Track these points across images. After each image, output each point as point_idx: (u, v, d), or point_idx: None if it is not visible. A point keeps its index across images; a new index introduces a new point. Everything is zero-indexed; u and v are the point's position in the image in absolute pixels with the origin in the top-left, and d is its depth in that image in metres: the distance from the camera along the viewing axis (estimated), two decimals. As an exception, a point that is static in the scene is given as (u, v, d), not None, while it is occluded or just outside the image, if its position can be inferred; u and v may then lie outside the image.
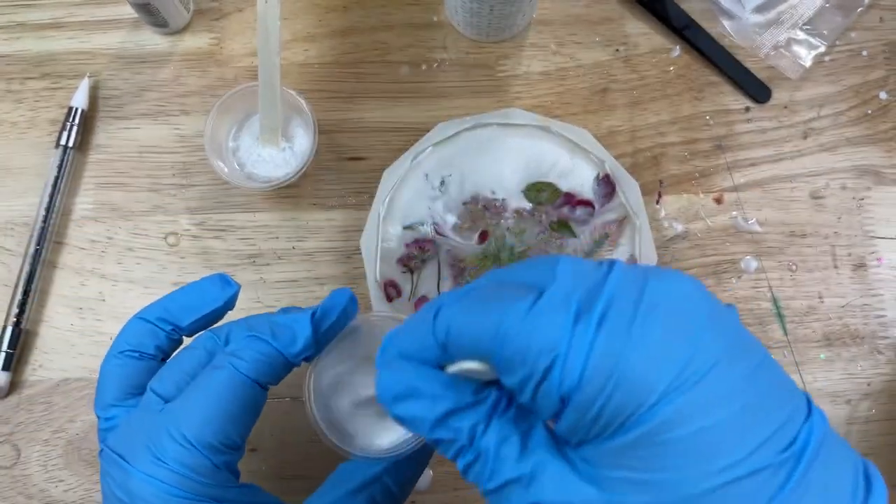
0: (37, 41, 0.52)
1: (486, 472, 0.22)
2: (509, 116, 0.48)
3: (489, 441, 0.22)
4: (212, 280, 0.35)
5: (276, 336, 0.32)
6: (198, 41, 0.52)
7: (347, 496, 0.33)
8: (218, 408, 0.30)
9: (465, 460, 0.23)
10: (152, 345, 0.34)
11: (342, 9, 0.52)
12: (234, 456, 0.31)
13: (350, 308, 0.34)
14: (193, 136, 0.50)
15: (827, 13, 0.52)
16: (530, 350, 0.20)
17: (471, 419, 0.23)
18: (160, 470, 0.29)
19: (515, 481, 0.22)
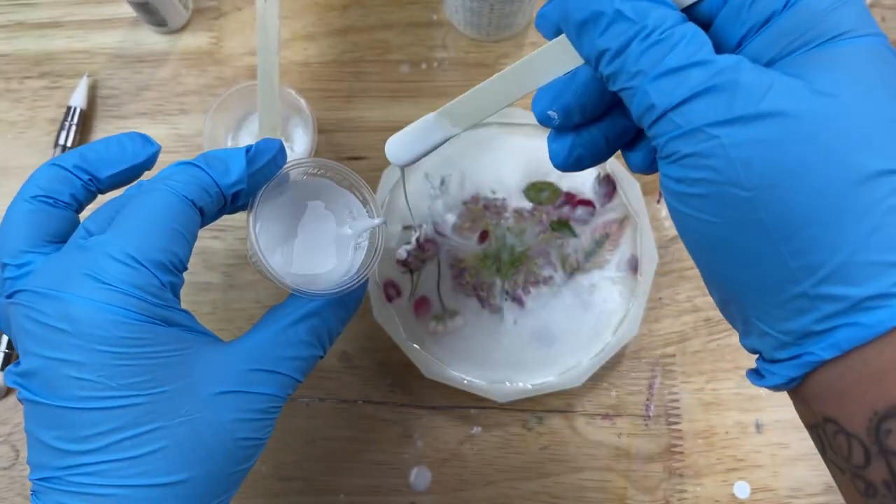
0: (35, 40, 0.52)
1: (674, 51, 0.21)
2: (509, 116, 0.48)
3: (685, 29, 0.22)
4: (130, 136, 0.34)
5: (210, 165, 0.31)
6: (197, 40, 0.52)
7: (290, 326, 0.33)
8: (160, 224, 0.29)
9: (646, 42, 0.22)
10: (67, 192, 0.32)
11: (342, 8, 0.52)
12: (179, 278, 0.30)
13: (280, 158, 0.34)
14: (192, 135, 0.50)
15: (828, 12, 0.51)
16: None
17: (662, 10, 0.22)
18: (107, 293, 0.27)
19: (705, 64, 0.21)
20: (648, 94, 0.22)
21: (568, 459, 0.46)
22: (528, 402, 0.46)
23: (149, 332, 0.28)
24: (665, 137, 0.22)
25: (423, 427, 0.47)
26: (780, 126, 0.20)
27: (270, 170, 0.34)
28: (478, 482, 0.46)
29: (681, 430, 0.46)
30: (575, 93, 0.26)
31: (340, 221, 0.37)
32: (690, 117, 0.21)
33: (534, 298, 0.46)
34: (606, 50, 0.22)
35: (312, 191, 0.37)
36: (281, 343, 0.32)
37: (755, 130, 0.20)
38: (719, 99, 0.21)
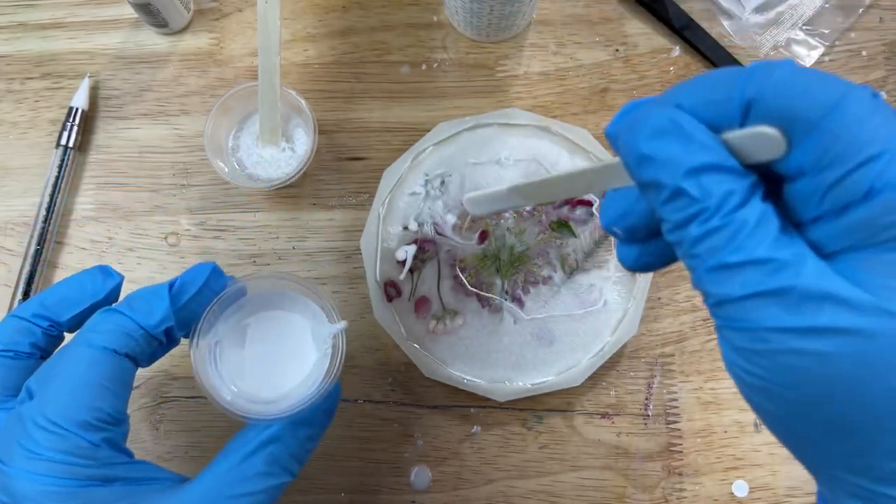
0: (37, 41, 0.52)
1: (732, 245, 0.20)
2: (509, 116, 0.48)
3: (747, 214, 0.20)
4: (91, 272, 0.34)
5: (132, 308, 0.31)
6: (198, 41, 0.52)
7: (245, 458, 0.32)
8: (79, 383, 0.29)
9: (705, 227, 0.20)
10: (27, 343, 0.32)
11: (342, 9, 0.52)
12: (115, 431, 0.30)
13: (213, 281, 0.33)
14: (193, 136, 0.50)
15: (827, 13, 0.52)
16: (864, 130, 0.19)
17: (728, 184, 0.20)
18: (36, 463, 0.27)
19: (764, 263, 0.20)
20: (704, 282, 0.21)
21: (567, 458, 0.46)
22: (528, 402, 0.46)
23: (82, 498, 0.28)
24: (719, 321, 0.21)
25: (424, 426, 0.47)
26: (836, 342, 0.19)
27: (205, 297, 0.33)
28: (477, 481, 0.46)
29: (679, 430, 0.46)
30: (639, 217, 0.25)
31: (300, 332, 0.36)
32: (746, 316, 0.20)
33: (533, 298, 0.46)
34: (667, 220, 0.22)
35: (267, 302, 0.36)
36: (235, 480, 0.31)
37: (810, 342, 0.19)
38: (776, 304, 0.20)
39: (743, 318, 0.20)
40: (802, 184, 0.21)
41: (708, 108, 0.21)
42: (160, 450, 0.46)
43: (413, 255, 0.46)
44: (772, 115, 0.20)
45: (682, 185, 0.21)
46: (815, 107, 0.19)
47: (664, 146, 0.21)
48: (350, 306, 0.48)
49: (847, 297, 0.19)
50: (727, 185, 0.20)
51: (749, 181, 0.21)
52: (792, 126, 0.20)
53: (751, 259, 0.20)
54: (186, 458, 0.46)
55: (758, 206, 0.20)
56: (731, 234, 0.20)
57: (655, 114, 0.21)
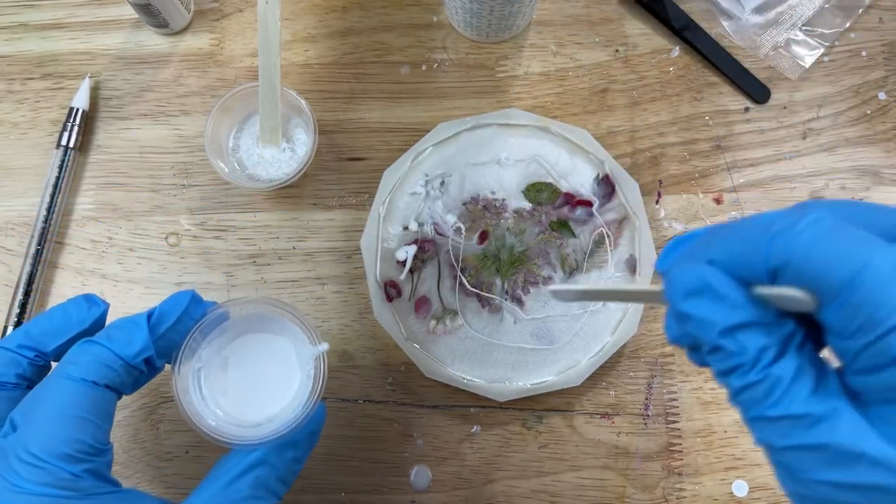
0: (38, 42, 0.52)
1: (769, 399, 0.21)
2: (509, 117, 0.48)
3: (782, 370, 0.21)
4: (76, 302, 0.34)
5: (111, 339, 0.32)
6: (198, 42, 0.52)
7: (231, 482, 0.32)
8: (59, 415, 0.29)
9: (743, 381, 0.22)
10: (13, 374, 0.32)
11: (342, 9, 0.52)
12: (97, 461, 0.30)
13: (193, 308, 0.34)
14: (194, 136, 0.50)
15: (826, 14, 0.52)
16: (887, 298, 0.19)
17: (763, 340, 0.22)
18: (19, 497, 0.28)
19: (800, 418, 0.21)
20: (749, 427, 0.22)
21: (567, 458, 0.46)
22: (528, 402, 0.46)
23: None
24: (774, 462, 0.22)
25: (424, 426, 0.47)
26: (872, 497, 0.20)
27: (184, 324, 0.33)
28: (478, 481, 0.46)
29: (679, 429, 0.46)
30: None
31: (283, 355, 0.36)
32: (790, 465, 0.22)
33: (533, 298, 0.46)
34: (711, 366, 0.23)
35: (249, 327, 0.36)
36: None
37: (848, 496, 0.21)
38: (814, 457, 0.21)
39: (789, 468, 0.22)
40: (836, 341, 0.21)
41: (738, 265, 0.22)
42: (160, 450, 0.46)
43: (413, 255, 0.46)
44: (798, 279, 0.21)
45: (719, 342, 0.22)
46: (839, 275, 0.20)
47: (699, 306, 0.22)
48: (350, 306, 0.48)
49: (880, 457, 0.20)
50: (761, 340, 0.22)
51: (784, 332, 0.22)
52: (818, 290, 0.21)
53: (788, 414, 0.21)
54: (187, 458, 0.46)
55: (793, 360, 0.21)
56: (769, 389, 0.21)
57: (689, 272, 0.23)
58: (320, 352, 0.35)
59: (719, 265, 0.23)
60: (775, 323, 0.22)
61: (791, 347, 0.22)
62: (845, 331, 0.20)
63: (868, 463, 0.20)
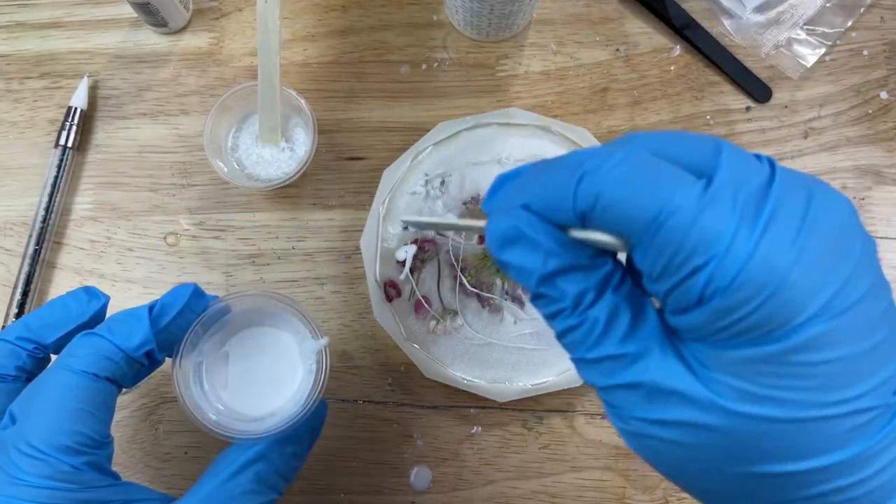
0: (36, 41, 0.52)
1: (588, 342, 0.22)
2: (509, 116, 0.48)
3: (598, 312, 0.22)
4: (75, 294, 0.34)
5: (112, 331, 0.31)
6: (197, 41, 0.52)
7: (231, 477, 0.32)
8: (59, 407, 0.29)
9: (564, 324, 0.22)
10: (12, 366, 0.32)
11: (342, 8, 0.52)
12: (97, 454, 0.30)
13: (194, 302, 0.33)
14: (193, 135, 0.50)
15: (828, 13, 0.51)
16: (687, 241, 0.19)
17: (581, 284, 0.22)
18: (20, 489, 0.28)
19: (617, 358, 0.22)
20: (578, 369, 0.23)
21: (567, 459, 0.46)
22: (528, 402, 0.46)
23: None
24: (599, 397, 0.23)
25: (424, 427, 0.47)
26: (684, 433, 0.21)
27: (186, 318, 0.33)
28: (478, 481, 0.46)
29: (680, 430, 0.46)
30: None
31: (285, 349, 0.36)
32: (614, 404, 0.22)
33: (534, 298, 0.46)
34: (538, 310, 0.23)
35: (250, 321, 0.36)
36: (222, 499, 0.31)
37: (664, 432, 0.21)
38: (633, 395, 0.22)
39: (610, 403, 0.23)
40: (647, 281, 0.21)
41: (551, 208, 0.22)
42: (159, 450, 0.46)
43: (413, 255, 0.46)
44: (605, 222, 0.21)
45: (539, 290, 0.22)
46: (641, 218, 0.20)
47: (516, 255, 0.22)
48: (350, 306, 0.48)
49: (690, 393, 0.21)
50: (580, 284, 0.22)
51: (601, 273, 0.22)
52: (625, 233, 0.20)
53: (604, 356, 0.22)
54: (186, 459, 0.46)
55: (609, 302, 0.22)
56: (587, 332, 0.22)
57: (503, 221, 0.23)
58: (322, 346, 0.35)
59: (535, 209, 0.22)
60: (592, 265, 0.22)
61: (608, 289, 0.22)
62: (652, 273, 0.20)
63: (679, 399, 0.21)
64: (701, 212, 0.19)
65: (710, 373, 0.21)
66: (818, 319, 0.19)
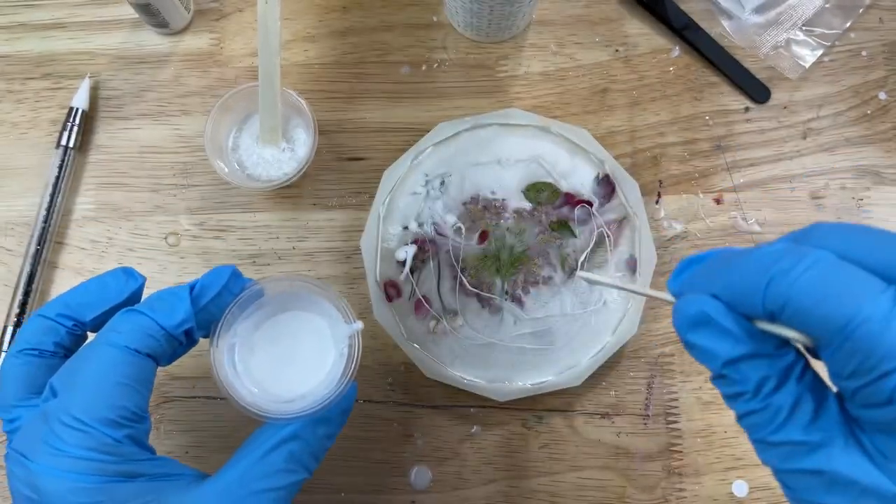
0: (38, 41, 0.52)
1: (771, 426, 0.23)
2: (509, 117, 0.48)
3: (782, 399, 0.23)
4: (114, 274, 0.35)
5: (154, 309, 0.32)
6: (198, 41, 0.52)
7: (265, 455, 0.32)
8: (102, 381, 0.30)
9: (746, 407, 0.23)
10: (51, 342, 0.33)
11: (342, 9, 0.52)
12: (137, 428, 0.30)
13: (232, 283, 0.34)
14: (194, 136, 0.50)
15: (826, 14, 0.52)
16: (878, 349, 0.20)
17: (765, 370, 0.23)
18: (61, 460, 0.28)
19: (800, 444, 0.22)
20: (755, 448, 0.24)
21: (567, 458, 0.46)
22: (528, 402, 0.46)
23: (109, 493, 0.28)
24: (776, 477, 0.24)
25: (424, 426, 0.47)
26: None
27: (224, 299, 0.34)
28: (478, 481, 0.46)
29: (679, 430, 0.46)
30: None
31: (318, 333, 0.36)
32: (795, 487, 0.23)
33: (533, 298, 0.46)
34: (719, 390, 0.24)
35: (285, 304, 0.36)
36: (256, 476, 0.32)
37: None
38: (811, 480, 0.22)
39: (787, 485, 0.23)
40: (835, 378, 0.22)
41: (739, 301, 0.23)
42: (160, 450, 0.46)
43: (413, 255, 0.46)
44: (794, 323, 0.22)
45: (723, 372, 0.23)
46: (832, 324, 0.21)
47: (703, 337, 0.24)
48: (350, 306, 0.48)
49: (873, 486, 0.21)
50: (762, 371, 0.23)
51: (785, 363, 0.23)
52: (814, 334, 0.22)
53: (787, 441, 0.22)
54: (186, 458, 0.46)
55: (793, 390, 0.23)
56: (770, 417, 0.23)
57: (692, 304, 0.24)
58: (355, 330, 0.35)
59: (724, 299, 0.24)
60: (776, 354, 0.23)
61: (791, 377, 0.23)
62: (842, 372, 0.21)
63: (861, 491, 0.21)
64: (890, 322, 0.20)
65: (892, 465, 0.21)
66: None
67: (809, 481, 0.22)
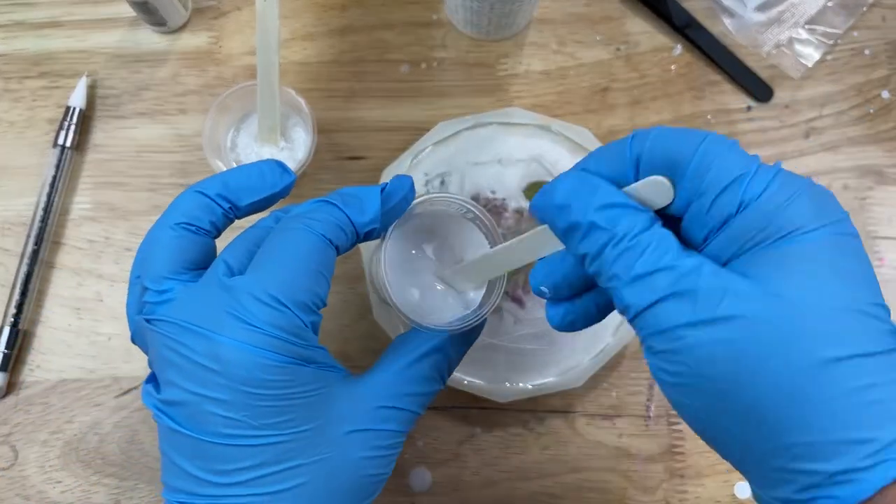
0: (35, 40, 0.52)
1: (641, 259, 0.24)
2: (509, 115, 0.48)
3: (651, 236, 0.25)
4: (269, 165, 0.35)
5: (346, 203, 0.32)
6: (196, 40, 0.52)
7: (416, 361, 0.34)
8: (302, 265, 0.30)
9: (616, 249, 0.25)
10: (207, 220, 0.33)
11: (341, 7, 0.52)
12: (320, 317, 0.31)
13: (410, 195, 0.35)
14: (192, 135, 0.50)
15: (829, 12, 0.51)
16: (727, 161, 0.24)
17: (631, 218, 0.25)
18: (253, 335, 0.28)
19: (669, 269, 0.24)
20: (623, 296, 0.25)
21: (568, 460, 0.46)
22: (529, 403, 0.46)
23: (291, 374, 0.29)
24: (643, 333, 0.25)
25: (424, 427, 0.46)
26: (736, 328, 0.23)
27: (402, 207, 0.34)
28: (478, 483, 0.46)
29: (681, 431, 0.46)
30: (563, 274, 0.29)
31: (463, 254, 0.38)
32: (660, 319, 0.24)
33: (534, 298, 0.46)
34: (586, 254, 0.26)
35: (437, 223, 0.38)
36: (406, 380, 0.33)
37: (715, 332, 0.23)
38: (682, 303, 0.23)
39: (658, 322, 0.24)
40: (690, 213, 0.25)
41: (607, 169, 0.26)
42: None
43: (413, 256, 0.46)
44: (655, 166, 0.25)
45: (594, 218, 0.25)
46: (685, 152, 0.25)
47: (575, 195, 0.26)
48: (350, 307, 0.48)
49: (740, 289, 0.23)
50: (630, 218, 0.25)
51: (648, 215, 0.25)
52: (672, 171, 0.25)
53: (658, 267, 0.24)
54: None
55: (658, 231, 0.25)
56: (640, 251, 0.24)
57: (565, 176, 0.27)
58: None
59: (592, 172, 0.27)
60: (641, 209, 0.25)
61: (656, 224, 0.25)
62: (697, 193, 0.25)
63: (731, 295, 0.23)
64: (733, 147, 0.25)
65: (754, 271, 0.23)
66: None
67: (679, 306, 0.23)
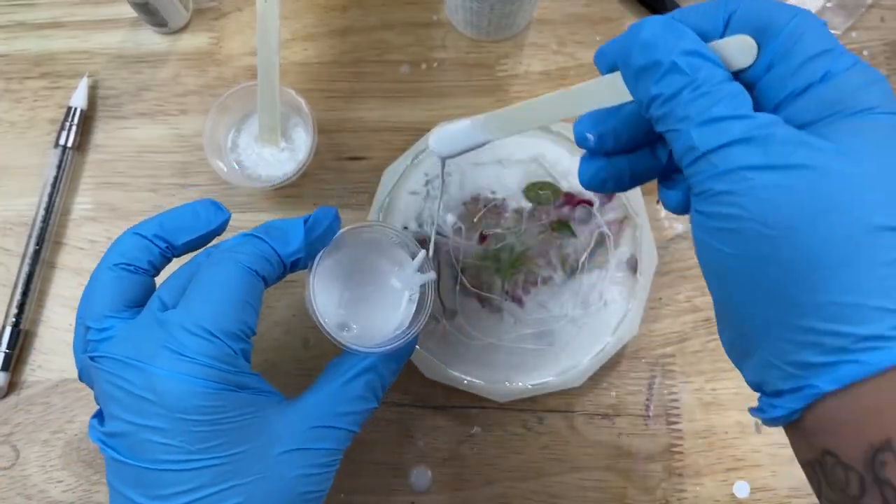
0: (36, 40, 0.52)
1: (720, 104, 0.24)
2: (509, 116, 0.48)
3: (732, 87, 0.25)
4: (203, 204, 0.36)
5: (271, 236, 0.34)
6: (197, 41, 0.52)
7: (348, 382, 0.35)
8: (230, 296, 0.31)
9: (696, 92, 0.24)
10: (145, 260, 0.34)
11: (342, 8, 0.52)
12: (249, 344, 0.33)
13: (335, 224, 0.36)
14: (192, 135, 0.50)
15: (828, 13, 0.51)
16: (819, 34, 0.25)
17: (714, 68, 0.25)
18: (186, 365, 0.30)
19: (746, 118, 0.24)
20: (692, 137, 0.24)
21: (568, 459, 0.46)
22: (528, 402, 0.46)
23: (224, 400, 0.30)
24: (702, 176, 0.25)
25: (424, 427, 0.47)
26: (806, 177, 0.23)
27: (327, 236, 0.36)
28: (478, 482, 0.46)
29: (680, 430, 0.46)
30: (616, 123, 0.29)
31: (393, 278, 0.39)
32: (728, 159, 0.24)
33: (533, 298, 0.46)
34: (659, 95, 0.25)
35: (366, 250, 0.39)
36: (339, 400, 0.35)
37: (783, 177, 0.23)
38: (756, 148, 0.23)
39: (725, 162, 0.24)
40: (771, 76, 0.25)
41: (696, 21, 0.26)
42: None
43: (413, 256, 0.46)
44: (745, 26, 0.25)
45: (677, 60, 0.25)
46: (780, 17, 0.25)
47: (662, 36, 0.25)
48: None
49: (815, 143, 0.23)
50: (711, 69, 0.25)
51: (728, 73, 0.25)
52: (761, 34, 0.25)
53: (735, 115, 0.24)
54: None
55: (738, 85, 0.25)
56: (719, 98, 0.24)
57: (654, 19, 0.26)
58: (429, 279, 0.38)
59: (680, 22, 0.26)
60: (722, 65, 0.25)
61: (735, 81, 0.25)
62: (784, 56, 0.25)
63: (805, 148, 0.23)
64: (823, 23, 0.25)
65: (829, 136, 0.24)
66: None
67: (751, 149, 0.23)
